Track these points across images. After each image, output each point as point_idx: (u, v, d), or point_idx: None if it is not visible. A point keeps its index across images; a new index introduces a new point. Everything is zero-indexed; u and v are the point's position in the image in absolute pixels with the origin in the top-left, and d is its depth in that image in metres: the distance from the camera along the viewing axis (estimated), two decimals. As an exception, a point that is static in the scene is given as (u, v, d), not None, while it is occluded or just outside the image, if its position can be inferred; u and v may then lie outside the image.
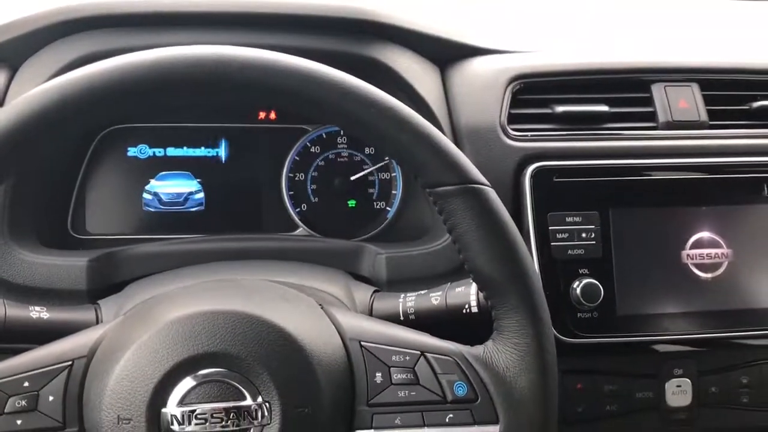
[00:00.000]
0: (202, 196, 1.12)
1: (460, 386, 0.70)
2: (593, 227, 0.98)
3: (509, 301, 0.69)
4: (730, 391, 1.01)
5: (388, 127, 0.68)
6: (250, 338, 0.66)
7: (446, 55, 1.11)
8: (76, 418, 0.66)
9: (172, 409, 0.64)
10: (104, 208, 1.10)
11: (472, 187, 0.69)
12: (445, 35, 1.10)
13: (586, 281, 0.95)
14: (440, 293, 0.87)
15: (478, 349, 0.72)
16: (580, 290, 0.95)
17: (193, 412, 0.64)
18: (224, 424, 0.64)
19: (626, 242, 0.98)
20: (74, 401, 0.66)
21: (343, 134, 1.15)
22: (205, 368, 0.65)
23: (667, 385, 1.00)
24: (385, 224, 1.14)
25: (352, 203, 1.15)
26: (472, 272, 0.71)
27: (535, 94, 1.07)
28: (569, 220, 0.98)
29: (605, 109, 1.05)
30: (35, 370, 0.67)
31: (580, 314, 0.96)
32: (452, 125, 1.05)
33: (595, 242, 0.98)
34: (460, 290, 0.86)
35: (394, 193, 1.15)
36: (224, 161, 1.13)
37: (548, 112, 1.06)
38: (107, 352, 0.68)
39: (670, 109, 1.06)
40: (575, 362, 0.97)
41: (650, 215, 1.00)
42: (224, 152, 1.13)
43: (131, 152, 1.11)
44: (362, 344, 0.71)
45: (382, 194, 1.15)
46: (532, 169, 1.00)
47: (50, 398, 0.66)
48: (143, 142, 1.11)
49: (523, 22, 1.26)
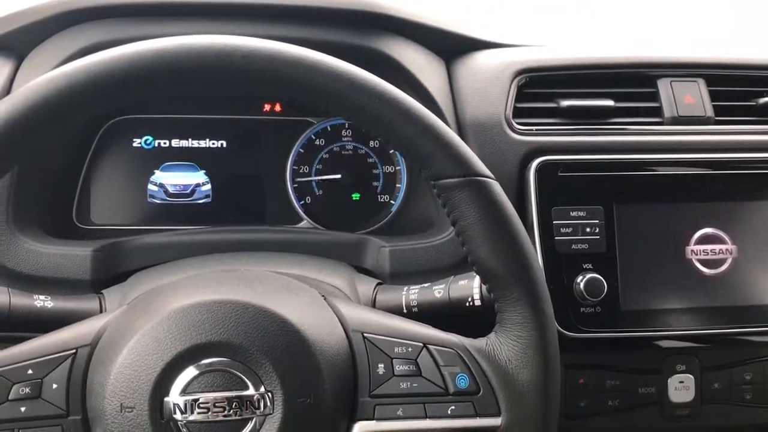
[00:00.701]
0: (209, 187, 1.12)
1: (462, 378, 0.70)
2: (597, 222, 0.98)
3: (512, 293, 0.69)
4: (733, 387, 1.01)
5: (393, 118, 0.68)
6: (253, 328, 0.66)
7: (452, 48, 1.11)
8: (79, 406, 0.66)
9: (174, 397, 0.64)
10: (109, 198, 1.10)
11: (476, 179, 0.69)
12: (450, 28, 1.10)
13: (589, 276, 0.95)
14: (443, 286, 0.87)
15: (480, 341, 0.72)
16: (583, 285, 0.94)
17: (195, 401, 0.64)
18: (227, 413, 0.64)
19: (630, 237, 0.98)
20: (78, 389, 0.66)
21: (347, 127, 1.15)
22: (208, 358, 0.65)
23: (669, 380, 1.00)
24: (389, 217, 1.14)
25: (356, 196, 1.14)
26: (475, 265, 0.70)
27: (540, 88, 1.07)
28: (573, 214, 0.98)
29: (611, 103, 1.05)
30: (39, 357, 0.67)
31: (583, 309, 0.96)
32: (457, 118, 1.05)
33: (599, 237, 0.98)
34: (463, 283, 0.86)
35: (398, 186, 1.15)
36: (228, 153, 1.13)
37: (553, 106, 1.05)
38: (111, 340, 0.68)
39: (675, 104, 1.06)
40: (578, 357, 0.97)
41: (655, 210, 1.00)
42: (228, 144, 1.13)
43: (136, 143, 1.11)
44: (365, 335, 0.71)
45: (386, 187, 1.15)
46: (536, 163, 1.00)
47: (54, 386, 0.66)
48: (148, 133, 1.11)
49: (528, 15, 1.26)
